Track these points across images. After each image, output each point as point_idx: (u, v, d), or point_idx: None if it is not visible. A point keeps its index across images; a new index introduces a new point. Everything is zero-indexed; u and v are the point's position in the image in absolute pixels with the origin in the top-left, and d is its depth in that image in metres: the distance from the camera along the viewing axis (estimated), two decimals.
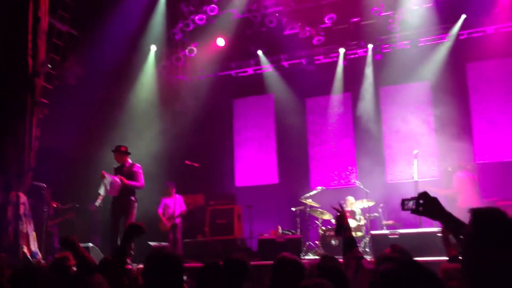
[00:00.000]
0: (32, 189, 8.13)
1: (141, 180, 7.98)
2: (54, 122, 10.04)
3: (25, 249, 7.18)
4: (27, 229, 7.42)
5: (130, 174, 7.94)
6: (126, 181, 7.76)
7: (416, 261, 1.71)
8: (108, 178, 7.76)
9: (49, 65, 9.21)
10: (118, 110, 10.92)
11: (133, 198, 7.93)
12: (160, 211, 10.24)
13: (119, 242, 7.40)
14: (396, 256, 3.61)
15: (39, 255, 7.42)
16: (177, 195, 10.26)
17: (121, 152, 8.05)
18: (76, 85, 10.39)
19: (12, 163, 7.69)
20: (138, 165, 8.13)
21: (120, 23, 10.55)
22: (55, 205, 9.60)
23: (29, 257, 7.11)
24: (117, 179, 7.82)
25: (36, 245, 7.51)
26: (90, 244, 7.93)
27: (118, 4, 10.41)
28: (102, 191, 7.73)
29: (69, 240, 3.80)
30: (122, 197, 7.82)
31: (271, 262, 3.58)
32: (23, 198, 7.59)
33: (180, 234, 10.19)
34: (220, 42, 11.55)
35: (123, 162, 8.03)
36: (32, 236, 7.51)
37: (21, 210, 7.43)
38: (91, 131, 10.66)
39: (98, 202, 8.39)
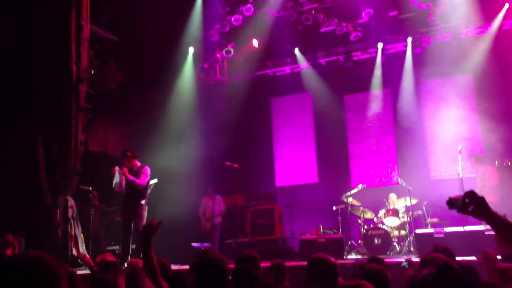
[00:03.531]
0: (79, 193, 8.38)
1: (143, 180, 7.81)
2: (98, 126, 10.34)
3: (74, 251, 7.42)
4: (75, 231, 7.67)
5: (137, 175, 7.87)
6: (128, 175, 7.71)
7: (455, 268, 1.66)
8: (117, 175, 7.84)
9: (92, 71, 9.47)
10: (158, 112, 11.12)
11: (143, 201, 7.85)
12: (200, 211, 10.41)
13: (131, 245, 7.55)
14: (437, 258, 3.50)
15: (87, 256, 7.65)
16: (216, 196, 10.39)
17: (128, 157, 7.95)
18: (117, 90, 10.65)
19: (59, 167, 7.97)
20: (147, 167, 8.01)
21: (158, 27, 10.75)
22: (101, 208, 9.88)
23: (78, 258, 7.35)
24: (122, 171, 7.83)
25: (84, 247, 7.75)
26: (133, 246, 8.11)
27: (155, 8, 10.59)
28: (115, 182, 7.85)
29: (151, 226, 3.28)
30: (132, 201, 7.80)
31: None
32: (70, 201, 7.85)
33: (218, 235, 10.29)
34: (255, 43, 11.59)
35: (132, 167, 7.92)
36: (80, 238, 7.76)
37: (69, 213, 7.69)
38: (133, 134, 10.90)
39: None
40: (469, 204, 2.26)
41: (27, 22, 8.13)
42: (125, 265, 6.90)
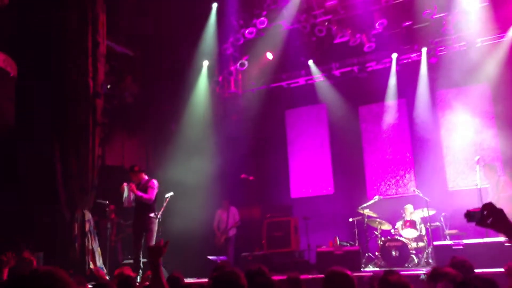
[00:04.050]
0: (96, 206, 8.44)
1: (151, 194, 7.87)
2: (114, 140, 10.45)
3: (92, 265, 7.47)
4: (92, 246, 7.72)
5: (145, 189, 7.94)
6: (136, 191, 7.75)
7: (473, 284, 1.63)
8: (126, 191, 7.88)
9: (108, 86, 9.60)
10: (173, 125, 11.20)
11: (152, 215, 7.87)
12: (215, 224, 10.42)
13: (141, 259, 7.54)
14: (448, 272, 3.35)
15: (104, 270, 7.69)
16: (231, 207, 10.42)
17: (135, 172, 8.03)
18: (133, 104, 10.78)
19: (76, 182, 8.06)
20: (154, 180, 8.08)
21: (172, 41, 10.87)
22: (117, 221, 9.94)
23: (95, 273, 7.39)
24: (130, 187, 7.86)
25: (101, 261, 7.79)
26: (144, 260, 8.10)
27: (170, 23, 10.72)
28: (124, 197, 7.87)
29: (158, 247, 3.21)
30: (141, 215, 7.84)
31: None
32: (88, 215, 7.92)
33: (233, 248, 10.27)
34: (269, 56, 11.64)
35: (140, 181, 8.00)
36: (97, 252, 7.80)
37: (87, 227, 7.75)
38: (148, 147, 10.98)
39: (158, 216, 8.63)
40: (488, 216, 2.23)
41: (45, 40, 8.29)
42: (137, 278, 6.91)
